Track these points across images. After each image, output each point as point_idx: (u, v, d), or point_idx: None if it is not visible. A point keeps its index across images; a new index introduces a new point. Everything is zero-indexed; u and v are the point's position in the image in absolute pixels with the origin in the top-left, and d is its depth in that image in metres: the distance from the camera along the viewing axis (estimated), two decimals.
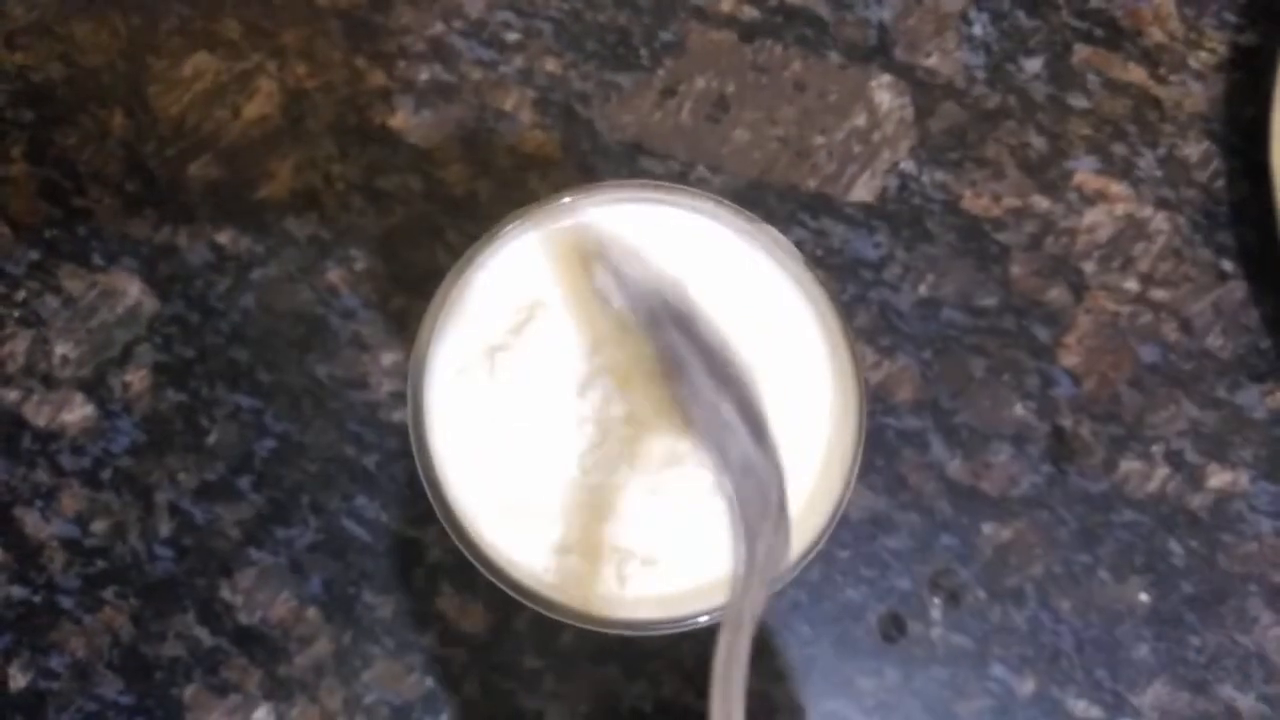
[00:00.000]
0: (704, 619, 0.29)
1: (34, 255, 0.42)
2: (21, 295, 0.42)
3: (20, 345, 0.42)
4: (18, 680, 0.40)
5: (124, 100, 0.43)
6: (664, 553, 0.30)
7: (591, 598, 0.30)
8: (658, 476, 0.30)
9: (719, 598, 0.29)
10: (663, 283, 0.29)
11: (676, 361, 0.28)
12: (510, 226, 0.30)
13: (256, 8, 0.44)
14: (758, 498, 0.27)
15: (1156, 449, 0.43)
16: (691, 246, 0.31)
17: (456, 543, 0.28)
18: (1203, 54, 0.45)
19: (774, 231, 0.30)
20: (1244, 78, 0.45)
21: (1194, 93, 0.45)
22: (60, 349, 0.42)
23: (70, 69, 0.44)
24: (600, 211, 0.31)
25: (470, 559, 0.28)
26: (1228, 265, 0.44)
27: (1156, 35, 0.45)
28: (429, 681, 0.40)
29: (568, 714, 0.40)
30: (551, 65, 0.44)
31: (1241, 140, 0.45)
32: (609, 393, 0.30)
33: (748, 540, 0.27)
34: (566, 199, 0.30)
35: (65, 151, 0.43)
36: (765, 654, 0.41)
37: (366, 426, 0.42)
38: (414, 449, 0.28)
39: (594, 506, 0.30)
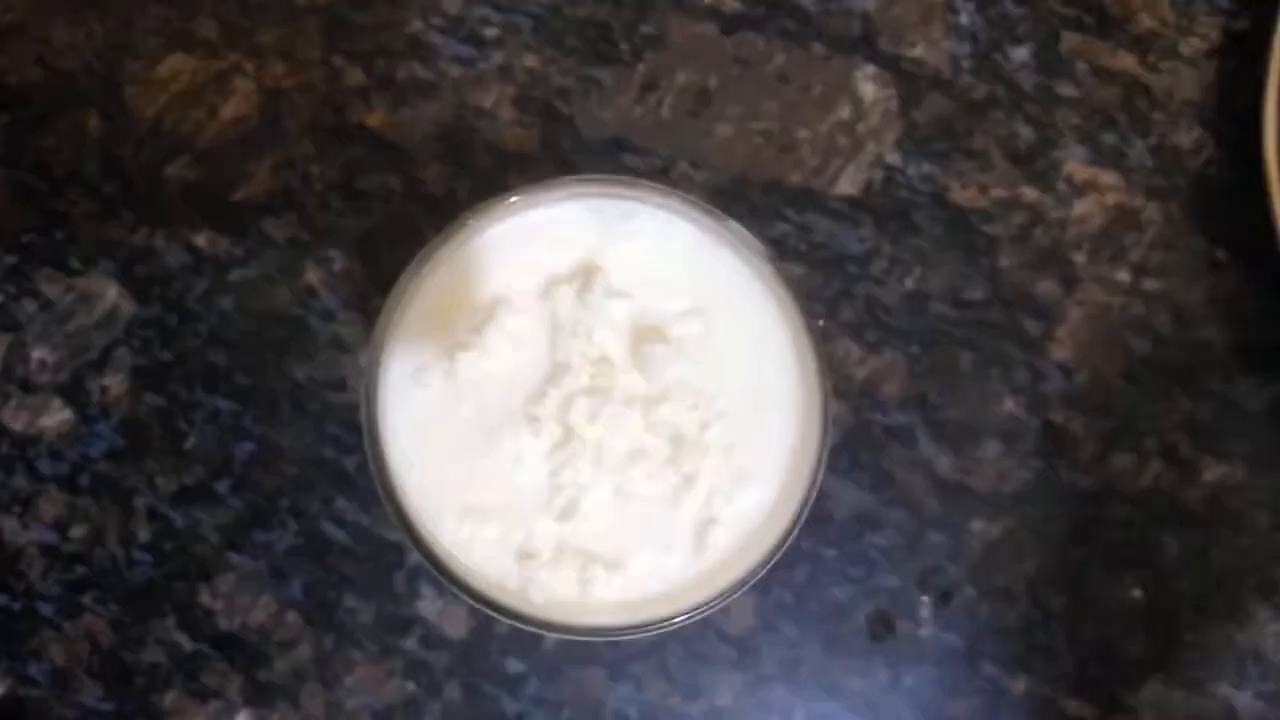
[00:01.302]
0: (676, 622, 0.28)
1: (10, 259, 0.42)
2: None
3: None
4: None
5: (100, 102, 0.43)
6: (628, 556, 0.30)
7: (554, 604, 0.29)
8: (623, 475, 0.30)
9: (685, 601, 0.29)
10: None
11: None
12: (468, 223, 0.29)
13: (233, 7, 0.44)
14: None
15: (1149, 443, 0.42)
16: (655, 243, 0.31)
17: (414, 549, 0.28)
18: (1194, 40, 0.44)
19: (739, 227, 0.29)
20: (1236, 64, 0.44)
21: (1185, 80, 0.44)
22: (38, 353, 0.42)
23: (46, 71, 0.43)
24: (561, 209, 0.30)
25: (428, 566, 0.28)
26: (1221, 255, 0.43)
27: (1146, 22, 0.45)
28: (410, 686, 0.40)
29: (551, 718, 0.40)
30: (531, 61, 0.44)
31: (1234, 128, 0.44)
32: (571, 391, 0.30)
33: None
34: (523, 194, 0.29)
35: (41, 154, 0.43)
36: (752, 655, 0.40)
37: (346, 429, 0.41)
38: (368, 452, 0.28)
39: (556, 509, 0.29)
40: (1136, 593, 0.41)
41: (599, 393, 0.30)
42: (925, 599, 0.41)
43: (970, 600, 0.41)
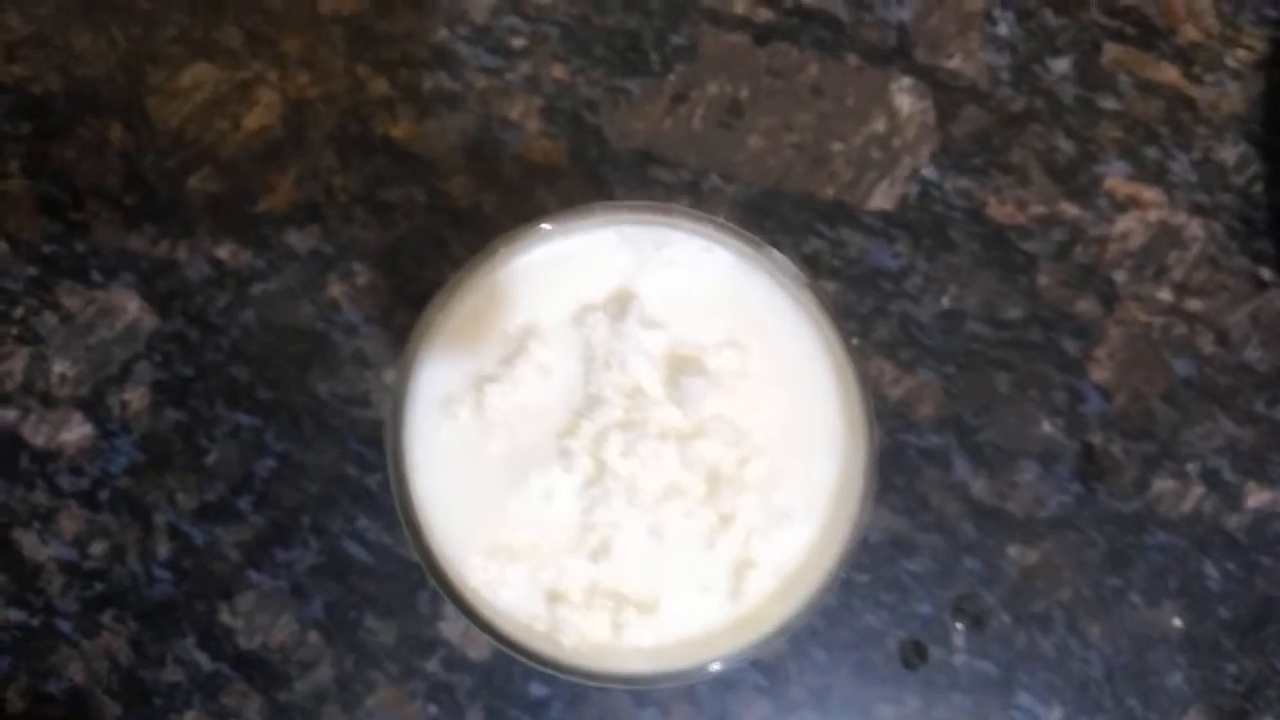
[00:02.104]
0: (712, 671, 0.27)
1: (32, 271, 0.42)
2: (19, 312, 0.41)
3: (18, 363, 0.41)
4: (15, 705, 0.39)
5: (123, 112, 0.42)
6: (663, 599, 0.29)
7: (585, 648, 0.28)
8: (657, 514, 0.29)
9: (720, 647, 0.28)
10: None
11: None
12: (498, 251, 0.28)
13: (257, 16, 0.43)
14: None
15: (1191, 467, 0.41)
16: (691, 271, 0.30)
17: (439, 589, 0.27)
18: (1240, 52, 0.43)
19: (778, 255, 0.28)
20: None
21: (1231, 93, 0.43)
22: (58, 367, 0.41)
23: (68, 80, 0.43)
24: (594, 236, 0.29)
25: (454, 606, 0.27)
26: (1266, 273, 0.42)
27: (1191, 33, 0.43)
28: (432, 709, 0.39)
29: None
30: (559, 72, 0.43)
31: None
32: (604, 425, 0.29)
33: None
34: (555, 222, 0.28)
35: (63, 165, 0.42)
36: (781, 682, 0.39)
37: (369, 446, 0.41)
38: (393, 486, 0.27)
39: (589, 549, 0.29)
40: (1177, 621, 0.40)
41: (633, 426, 0.29)
42: (959, 626, 0.40)
43: (1005, 628, 0.40)
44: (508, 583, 0.28)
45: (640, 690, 0.38)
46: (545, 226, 0.28)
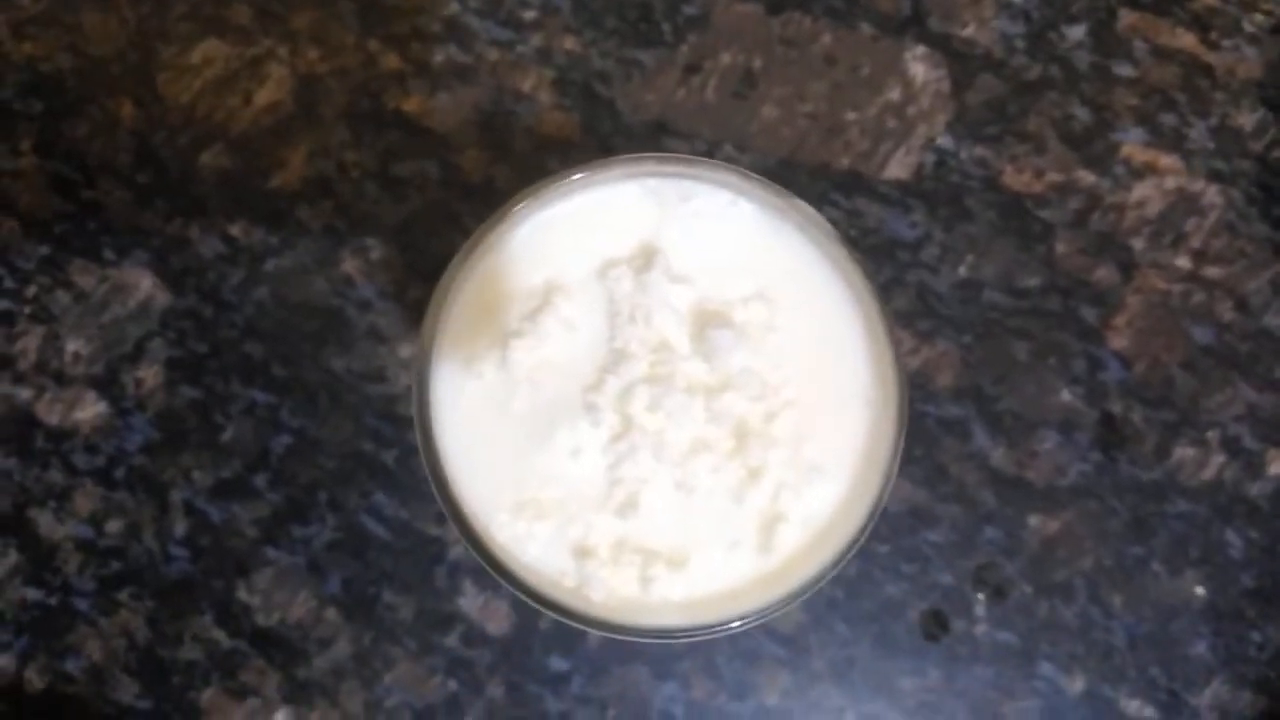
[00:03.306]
0: (735, 625, 0.27)
1: (44, 250, 0.41)
2: (32, 291, 0.41)
3: (32, 342, 0.41)
4: (34, 684, 0.39)
5: (133, 90, 0.42)
6: (691, 554, 0.28)
7: (613, 603, 0.28)
8: (684, 468, 0.28)
9: (749, 601, 0.28)
10: None
11: None
12: (520, 206, 0.28)
13: None
14: None
15: (1212, 435, 0.41)
16: (717, 224, 0.29)
17: (466, 545, 0.27)
18: (1258, 17, 0.43)
19: (806, 206, 0.28)
20: None
21: (1248, 58, 0.43)
22: (72, 345, 0.41)
23: (79, 59, 0.42)
24: (616, 189, 0.29)
25: (481, 562, 0.27)
26: None
27: None
28: (452, 684, 0.39)
29: (595, 717, 0.39)
30: (570, 44, 0.42)
31: None
32: (631, 380, 0.28)
33: None
34: (578, 175, 0.28)
35: (75, 143, 0.42)
36: (802, 654, 0.39)
37: (385, 421, 0.40)
38: (420, 445, 0.27)
39: (616, 504, 0.28)
40: (1199, 590, 0.40)
41: (659, 381, 0.28)
42: (980, 596, 0.40)
43: (1026, 598, 0.40)
44: (535, 539, 0.28)
45: (665, 648, 0.38)
46: (572, 177, 0.28)
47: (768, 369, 0.29)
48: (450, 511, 0.27)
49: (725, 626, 0.27)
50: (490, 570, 0.27)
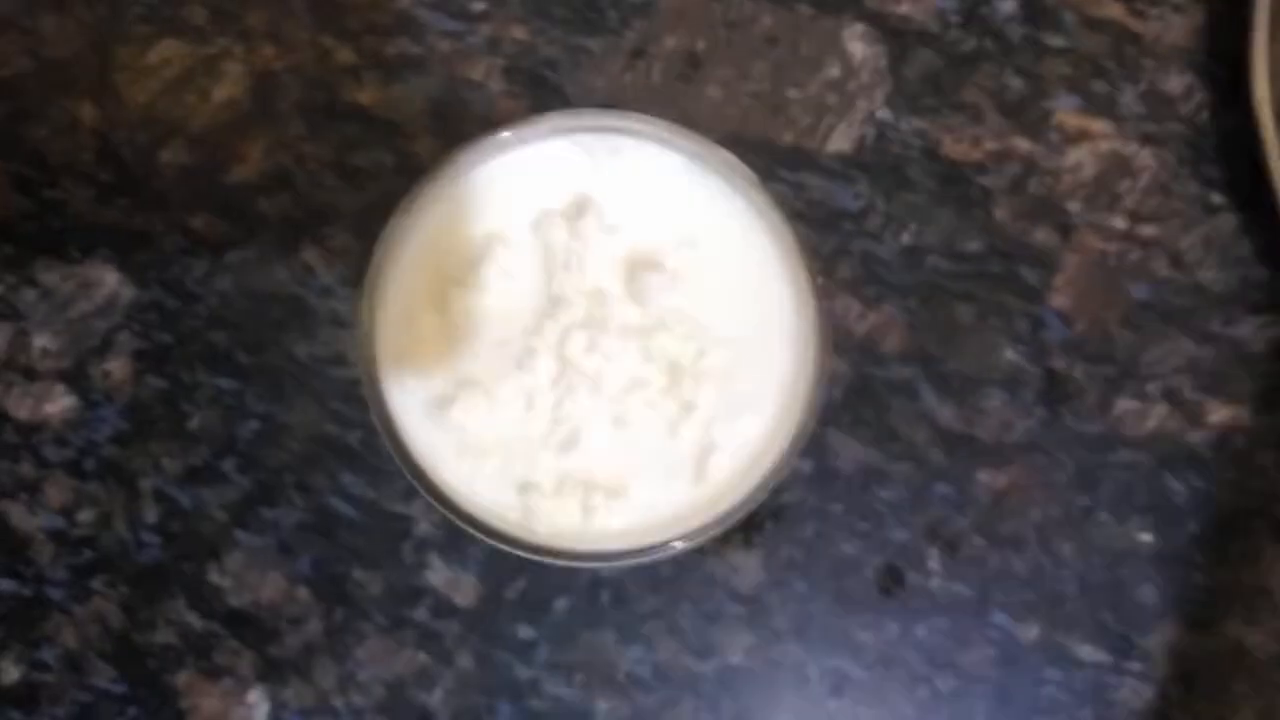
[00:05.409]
0: (680, 546, 0.28)
1: (9, 250, 0.42)
2: None
3: (0, 339, 0.42)
4: (10, 674, 0.40)
5: (92, 90, 0.43)
6: (630, 484, 0.30)
7: (557, 534, 0.29)
8: (622, 405, 0.30)
9: (687, 525, 0.29)
10: None
11: None
12: (457, 163, 0.29)
13: None
14: None
15: (1152, 387, 0.42)
16: (646, 174, 0.31)
17: (415, 484, 0.28)
18: None
19: (728, 155, 0.29)
20: (1223, 7, 0.44)
21: (1173, 25, 0.44)
22: (39, 341, 0.42)
23: (37, 62, 0.43)
24: (550, 144, 0.30)
25: (429, 499, 0.28)
26: (1216, 198, 0.43)
27: None
28: (422, 656, 0.40)
29: (564, 682, 0.40)
30: (519, 32, 0.44)
31: (1224, 71, 0.44)
32: (568, 324, 0.30)
33: None
34: (506, 133, 0.29)
35: (36, 144, 0.43)
36: (762, 613, 0.40)
37: (349, 403, 0.41)
38: (365, 391, 0.28)
39: (556, 440, 0.29)
40: (1145, 537, 0.41)
41: (595, 324, 0.30)
42: (933, 550, 0.41)
43: (979, 550, 0.41)
44: (480, 477, 0.29)
45: (629, 611, 0.39)
46: (504, 134, 0.29)
47: (697, 310, 0.30)
48: (399, 455, 0.28)
49: (663, 547, 0.28)
50: (439, 507, 0.28)
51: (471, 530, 0.28)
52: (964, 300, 0.42)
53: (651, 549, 0.28)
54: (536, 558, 0.28)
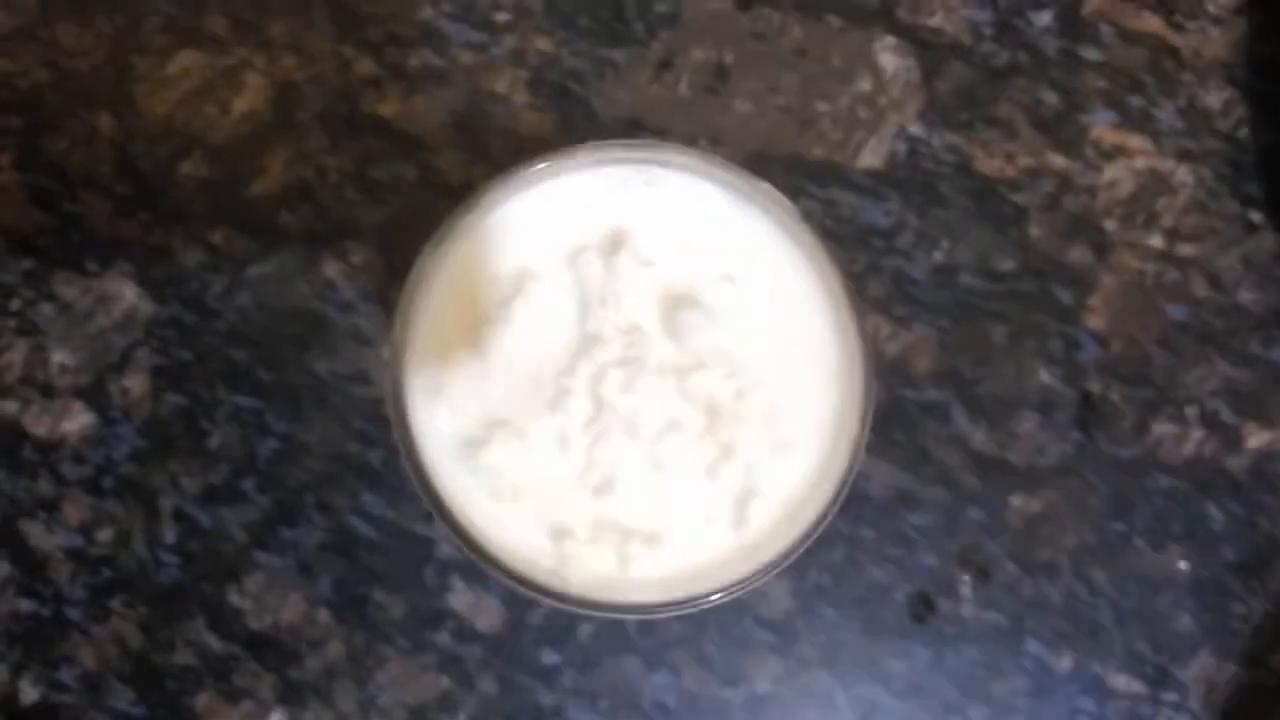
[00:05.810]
0: (713, 598, 0.28)
1: (27, 264, 0.42)
2: (16, 304, 0.41)
3: (17, 355, 0.41)
4: (28, 695, 0.39)
5: (111, 102, 0.43)
6: (667, 530, 0.29)
7: (592, 582, 0.28)
8: (658, 448, 0.29)
9: (727, 575, 0.28)
10: None
11: None
12: (489, 195, 0.28)
13: (241, 2, 0.43)
14: None
15: (1190, 410, 0.41)
16: (683, 207, 0.30)
17: (448, 531, 0.27)
18: None
19: (768, 187, 0.29)
20: (1265, 19, 0.43)
21: (1213, 38, 0.43)
22: (58, 357, 0.41)
23: (56, 73, 0.43)
24: (584, 176, 0.29)
25: (461, 547, 0.27)
26: (1255, 216, 0.42)
27: None
28: (444, 681, 0.39)
29: (588, 709, 0.39)
30: (544, 44, 0.43)
31: (1265, 85, 0.43)
32: (603, 363, 0.29)
33: None
34: (541, 164, 0.28)
35: (54, 157, 0.42)
36: (791, 640, 0.40)
37: (370, 422, 0.41)
38: (395, 433, 0.27)
39: (591, 485, 0.29)
40: (1182, 564, 0.40)
41: (631, 363, 0.29)
42: (966, 577, 0.40)
43: (1012, 577, 0.40)
44: (513, 522, 0.28)
45: (654, 636, 0.38)
46: (537, 167, 0.28)
47: (737, 347, 0.29)
48: (430, 500, 0.27)
49: (703, 600, 0.27)
50: (472, 555, 0.27)
51: (507, 580, 0.27)
52: (997, 320, 0.41)
53: (689, 600, 0.27)
54: (572, 609, 0.27)
